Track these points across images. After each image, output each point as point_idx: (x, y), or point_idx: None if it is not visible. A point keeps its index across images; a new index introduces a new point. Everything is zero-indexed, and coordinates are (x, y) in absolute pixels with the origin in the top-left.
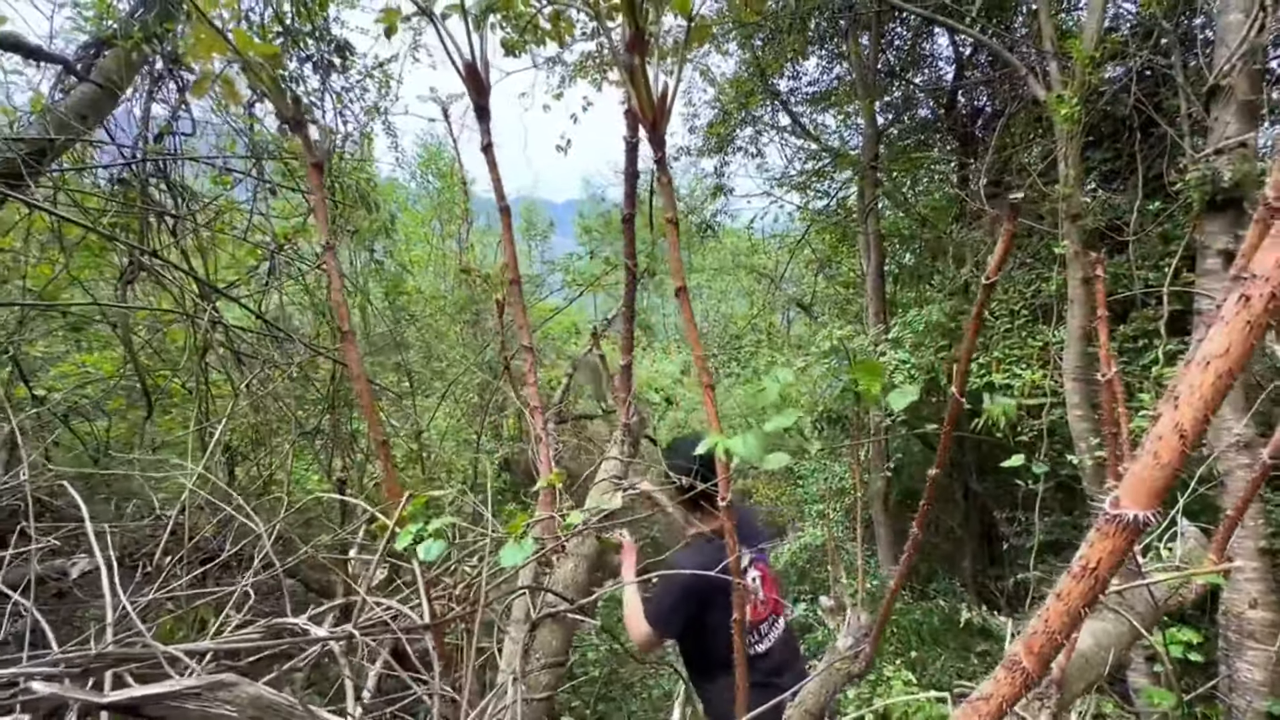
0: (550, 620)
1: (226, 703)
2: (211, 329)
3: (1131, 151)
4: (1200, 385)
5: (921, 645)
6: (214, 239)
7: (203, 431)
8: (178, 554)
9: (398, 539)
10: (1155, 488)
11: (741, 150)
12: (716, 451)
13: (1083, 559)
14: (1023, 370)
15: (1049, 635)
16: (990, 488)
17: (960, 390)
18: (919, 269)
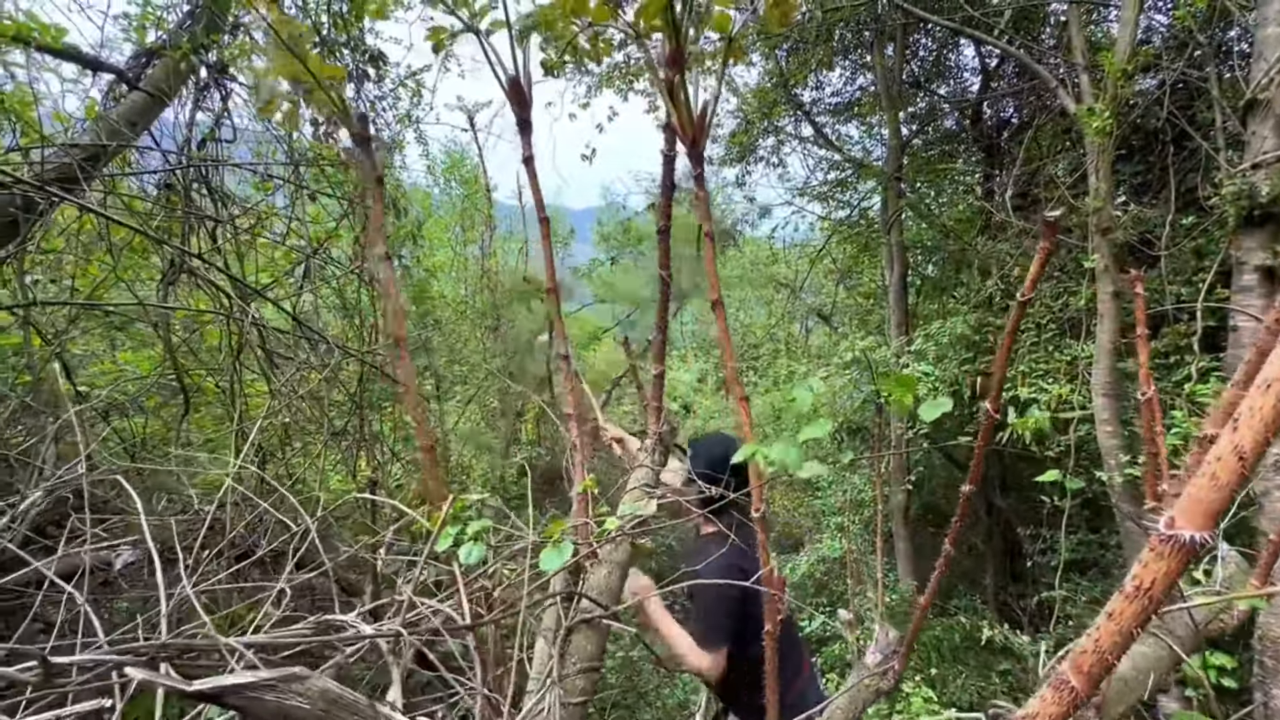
0: (585, 625)
1: (300, 695)
2: (249, 329)
3: (1164, 165)
4: (1261, 407)
5: (942, 663)
6: (253, 242)
7: (237, 430)
8: (215, 548)
9: (439, 541)
10: (1212, 509)
11: (763, 160)
12: (754, 459)
13: (1136, 578)
14: (1050, 385)
15: (1099, 655)
16: (1014, 503)
17: (995, 406)
18: (942, 281)
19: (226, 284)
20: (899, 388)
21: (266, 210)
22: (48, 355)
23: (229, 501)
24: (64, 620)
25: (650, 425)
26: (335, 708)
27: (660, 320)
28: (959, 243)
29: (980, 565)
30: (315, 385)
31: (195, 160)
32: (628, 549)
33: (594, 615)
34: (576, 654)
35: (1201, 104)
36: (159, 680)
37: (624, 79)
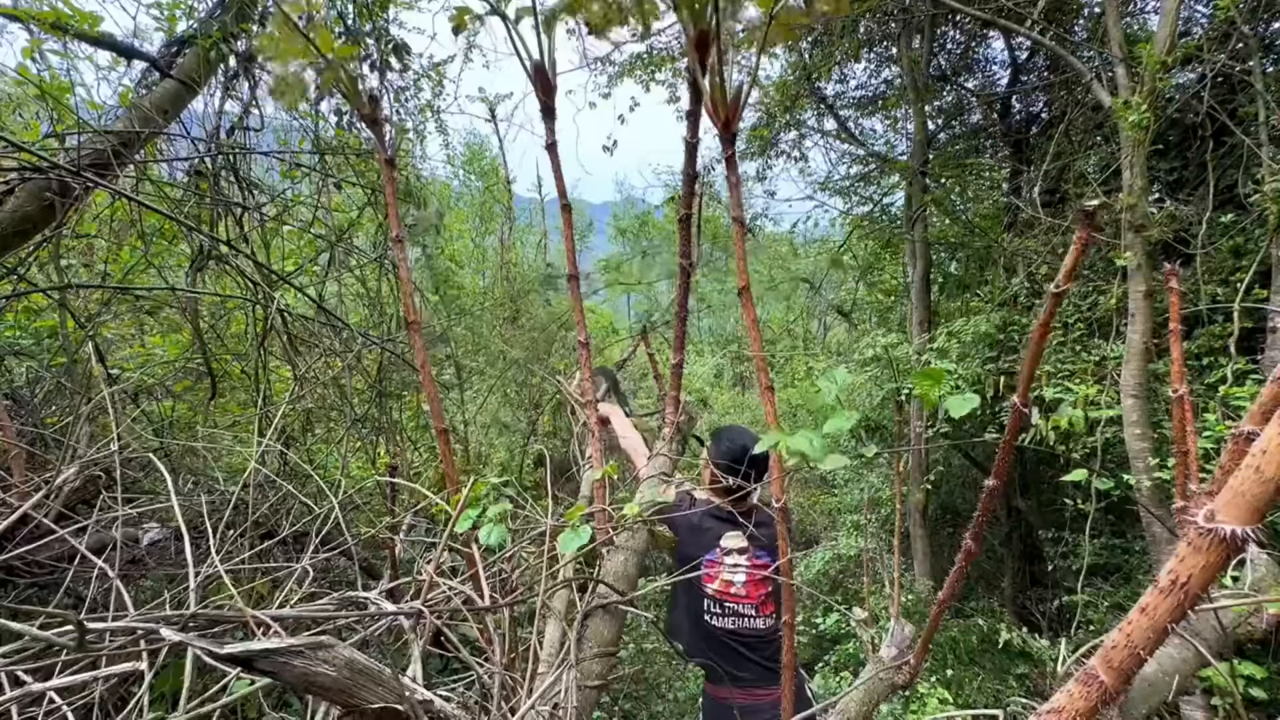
0: (601, 611)
1: (326, 662)
2: (276, 315)
3: (1201, 160)
4: None
5: (958, 664)
6: (279, 230)
7: (261, 414)
8: (240, 528)
9: (459, 523)
10: (1257, 503)
11: (785, 154)
12: (778, 449)
13: (1172, 573)
14: (1077, 385)
15: (1131, 650)
16: (1035, 506)
17: (1024, 399)
18: (965, 278)
19: (253, 271)
20: (927, 380)
21: (294, 198)
22: (81, 338)
23: (252, 483)
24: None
25: (668, 415)
26: (360, 677)
27: (680, 310)
28: (984, 240)
29: (999, 568)
30: (338, 371)
31: (224, 148)
32: (645, 536)
33: (611, 601)
34: (593, 639)
35: (1244, 98)
36: (192, 643)
37: (645, 69)
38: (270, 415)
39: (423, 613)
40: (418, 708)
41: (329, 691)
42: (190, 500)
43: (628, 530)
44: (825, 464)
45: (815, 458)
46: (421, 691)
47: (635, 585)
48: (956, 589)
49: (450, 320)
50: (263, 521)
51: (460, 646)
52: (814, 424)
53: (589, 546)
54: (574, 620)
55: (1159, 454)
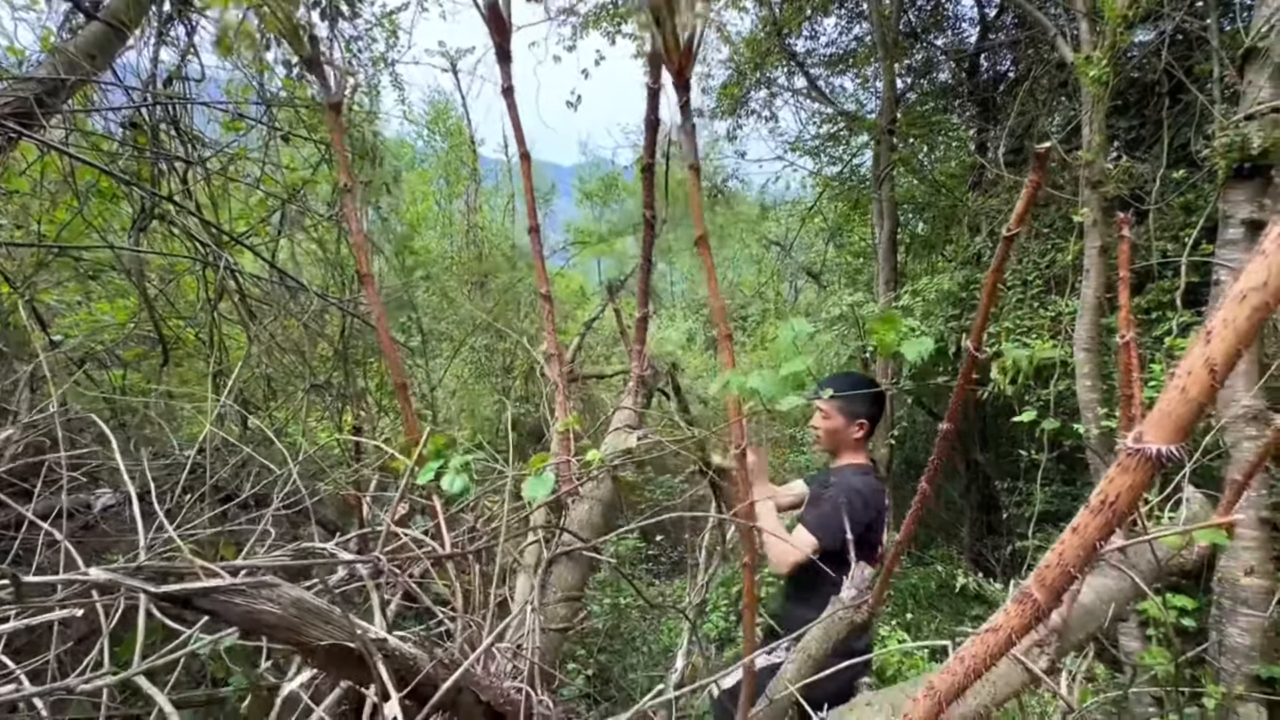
0: (566, 558)
1: (271, 601)
2: (227, 276)
3: (1158, 118)
4: (1234, 319)
5: (918, 608)
6: (226, 187)
7: (217, 379)
8: (198, 492)
9: (419, 475)
10: (1181, 423)
11: (755, 113)
12: (731, 390)
13: (1101, 493)
14: (1033, 341)
15: (1062, 568)
16: (992, 459)
17: (977, 343)
18: (931, 238)
19: (201, 230)
20: (884, 326)
21: (240, 152)
22: (14, 301)
23: (209, 447)
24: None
25: (633, 368)
26: (308, 615)
27: (644, 262)
28: (949, 199)
29: (958, 519)
30: (297, 336)
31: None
32: (610, 485)
33: (575, 548)
34: (558, 585)
35: (1200, 55)
36: (124, 580)
37: (611, 20)
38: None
39: (380, 560)
40: (370, 645)
41: (275, 630)
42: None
43: (593, 480)
44: (782, 404)
45: (769, 397)
46: (375, 630)
47: (600, 533)
48: (912, 530)
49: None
50: (222, 486)
51: (426, 597)
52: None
53: (555, 495)
54: (538, 568)
55: (1108, 405)
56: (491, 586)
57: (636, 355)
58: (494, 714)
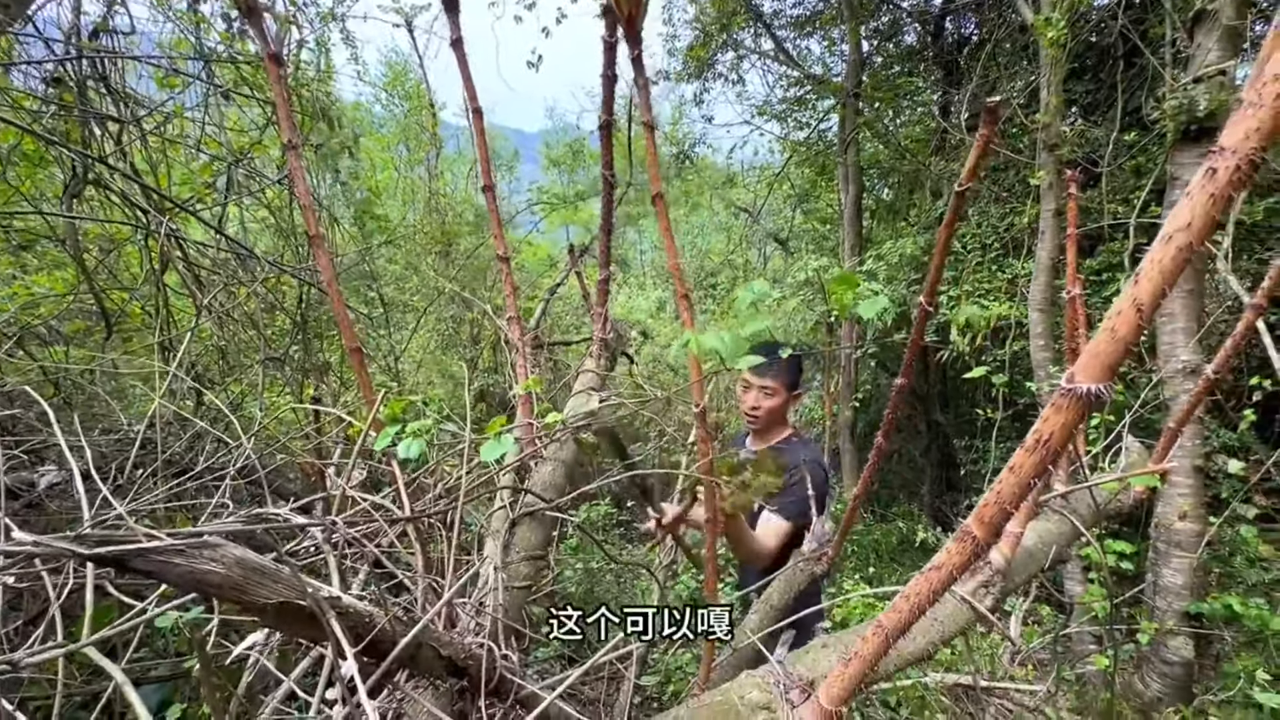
0: (529, 519)
1: (213, 560)
2: (170, 244)
3: (1113, 82)
4: (1160, 259)
5: (879, 563)
6: (165, 149)
7: (166, 354)
8: (150, 468)
9: (377, 440)
10: (1109, 362)
11: (722, 77)
12: (691, 349)
13: (1036, 432)
14: (990, 303)
15: (1000, 506)
16: (952, 419)
17: (930, 299)
18: (896, 203)
19: (140, 195)
20: (841, 285)
21: (177, 109)
22: None
23: (159, 421)
24: None
25: (595, 330)
26: (254, 574)
27: (605, 223)
28: (913, 163)
29: (919, 477)
30: (250, 306)
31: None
32: (573, 447)
33: (538, 509)
34: (521, 544)
35: (1154, 18)
36: (52, 541)
37: None
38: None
39: (335, 523)
40: (323, 603)
41: (219, 589)
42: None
43: (556, 442)
44: (740, 363)
45: (727, 355)
46: (329, 589)
47: (563, 493)
48: (869, 483)
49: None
50: (175, 460)
51: (389, 560)
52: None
53: (519, 460)
54: (502, 526)
55: (1060, 363)
56: (451, 549)
57: (598, 318)
58: (456, 668)
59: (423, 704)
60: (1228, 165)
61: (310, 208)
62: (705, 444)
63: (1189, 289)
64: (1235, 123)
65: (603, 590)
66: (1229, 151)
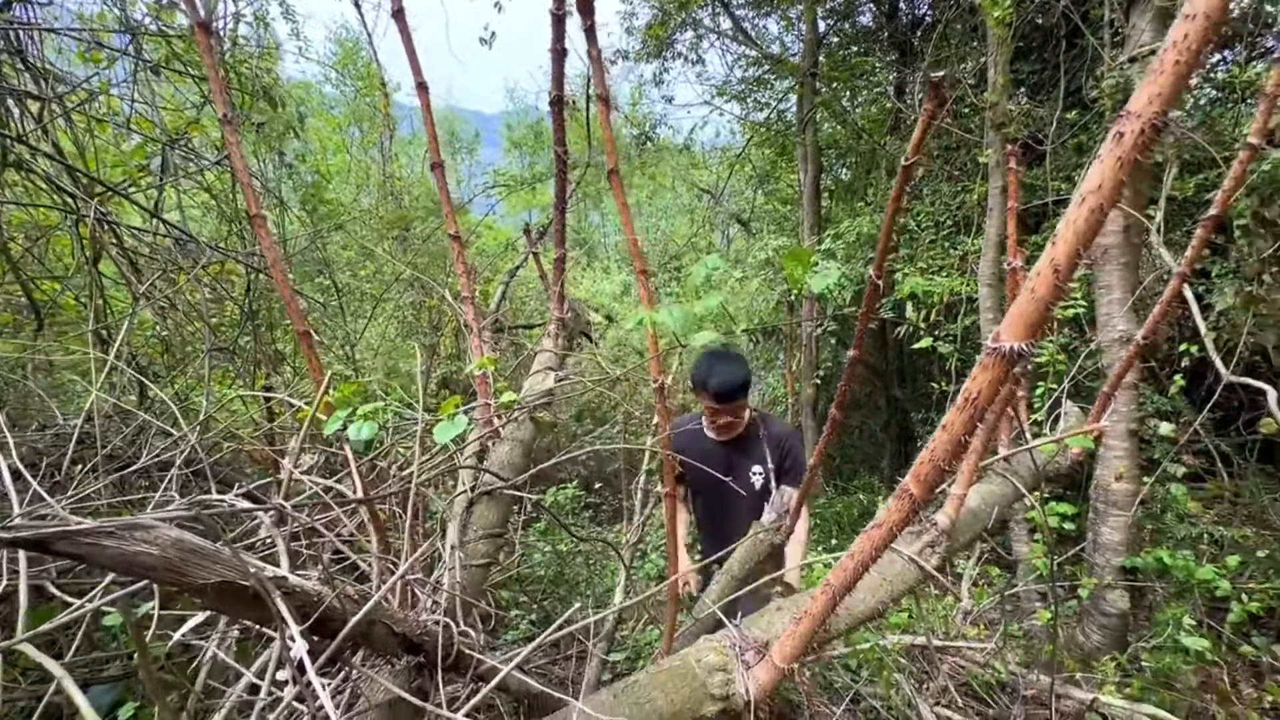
0: (487, 498)
1: (146, 543)
2: (102, 230)
3: (1057, 63)
4: (1075, 220)
5: (840, 534)
6: (91, 129)
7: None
8: (90, 463)
9: (326, 424)
10: (1031, 321)
11: (681, 56)
12: (647, 327)
13: (966, 391)
14: (943, 279)
15: (934, 464)
16: (909, 394)
17: (879, 273)
18: (853, 183)
19: (68, 180)
20: (794, 260)
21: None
22: None
23: (97, 416)
24: None
25: (553, 310)
26: (193, 556)
27: (559, 202)
28: (870, 143)
29: (879, 451)
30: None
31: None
32: (531, 427)
33: (495, 488)
34: (479, 523)
35: (1095, 0)
36: None
37: None
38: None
39: (283, 507)
40: (268, 583)
41: (155, 572)
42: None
43: (514, 422)
44: (694, 340)
45: (680, 332)
46: (274, 569)
47: (520, 472)
48: (824, 452)
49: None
50: (117, 455)
51: (339, 542)
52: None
53: (477, 440)
54: (460, 506)
55: None
56: (407, 529)
57: (555, 297)
58: (412, 645)
59: (380, 681)
60: (1133, 129)
61: (250, 185)
62: (664, 420)
63: (1124, 262)
64: (1140, 89)
65: (573, 572)
66: (1134, 115)
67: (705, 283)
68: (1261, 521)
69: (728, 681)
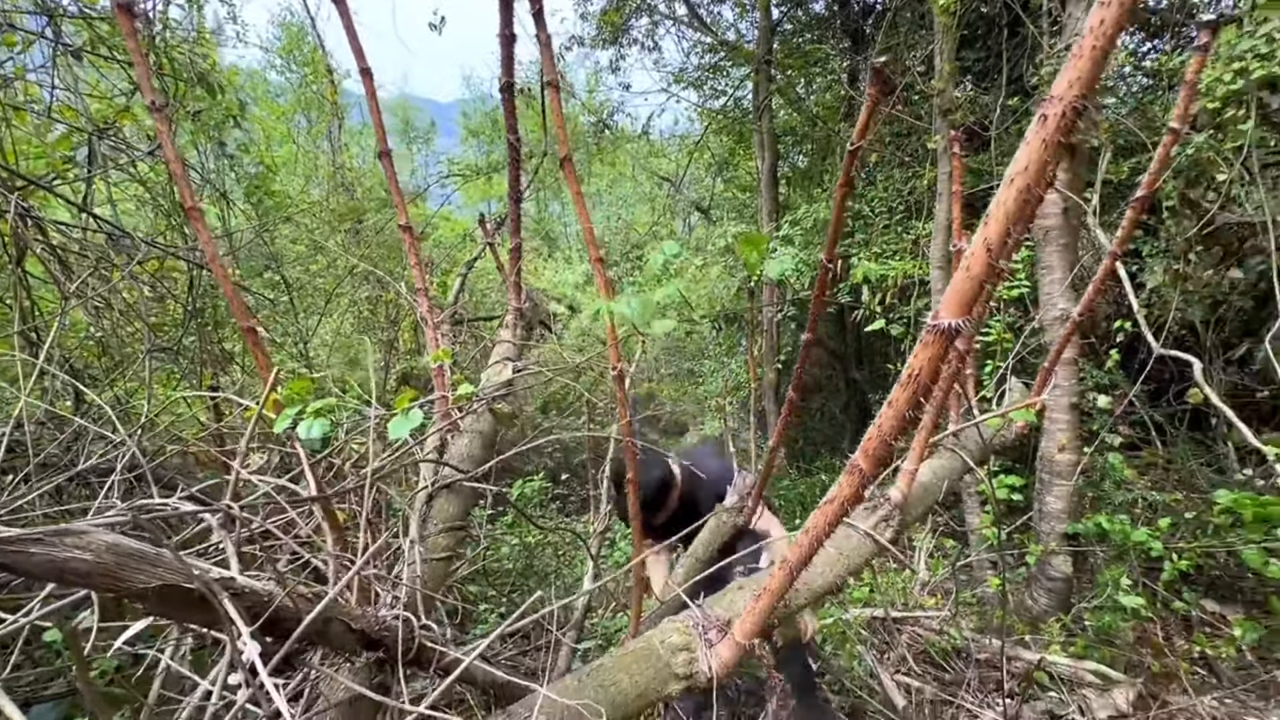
0: (446, 491)
1: (78, 549)
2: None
3: (1000, 50)
4: (1005, 201)
5: (803, 513)
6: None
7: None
8: (21, 472)
9: (276, 422)
10: (967, 298)
11: (638, 43)
12: (604, 317)
13: (909, 368)
14: (897, 262)
15: (881, 439)
16: (867, 375)
17: (830, 256)
18: (810, 170)
19: None
20: (749, 246)
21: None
22: None
23: (27, 422)
24: None
25: (510, 300)
26: (130, 560)
27: (513, 190)
28: (825, 130)
29: (840, 432)
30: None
31: None
32: (490, 419)
33: (454, 480)
34: (439, 517)
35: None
36: None
37: None
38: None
39: (230, 508)
40: (214, 585)
41: (89, 579)
42: None
43: (472, 414)
44: (654, 329)
45: (639, 321)
46: (221, 572)
47: (479, 464)
48: (783, 433)
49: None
50: (52, 462)
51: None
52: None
53: (436, 434)
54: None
55: None
56: (363, 525)
57: (512, 288)
58: (371, 641)
59: (339, 680)
60: (1056, 112)
61: (184, 177)
62: (623, 408)
63: (1064, 243)
64: (1061, 74)
65: (543, 564)
66: (1057, 99)
67: (663, 270)
68: (1190, 485)
69: (691, 660)
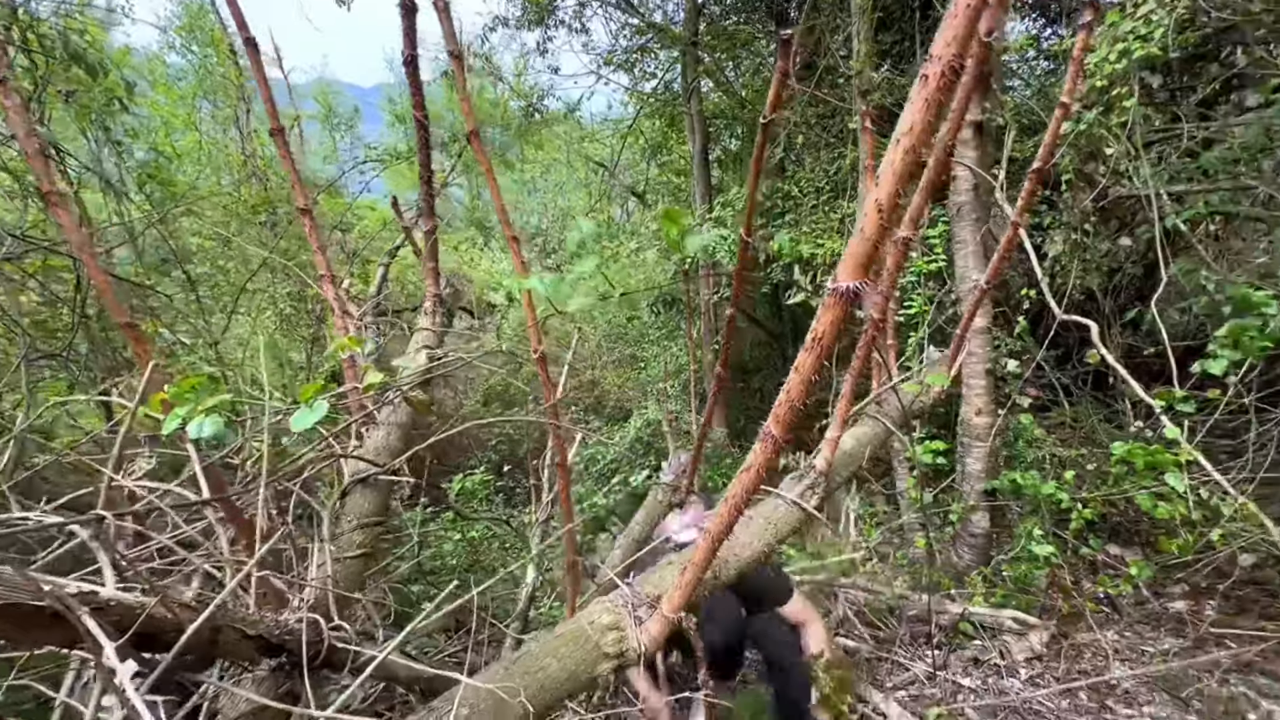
0: (361, 486)
1: None
2: None
3: (913, 33)
4: (893, 162)
5: None
6: None
7: None
8: None
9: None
10: (861, 260)
11: (565, 24)
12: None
13: (812, 332)
14: (825, 241)
15: (790, 405)
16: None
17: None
18: (741, 153)
19: None
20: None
21: None
22: None
23: None
24: None
25: (428, 286)
26: None
27: (424, 170)
28: (754, 112)
29: None
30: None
31: None
32: (408, 410)
33: (369, 474)
34: (353, 513)
35: None
36: None
37: None
38: None
39: (105, 517)
40: (69, 600)
41: None
42: None
43: (389, 405)
44: (570, 305)
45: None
46: (79, 585)
47: (397, 456)
48: (713, 412)
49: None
50: None
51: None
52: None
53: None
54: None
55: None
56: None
57: (430, 273)
58: (271, 647)
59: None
60: (936, 71)
61: (39, 158)
62: (549, 391)
63: (975, 218)
64: (939, 34)
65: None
66: (937, 59)
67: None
68: (1093, 440)
69: (621, 639)
